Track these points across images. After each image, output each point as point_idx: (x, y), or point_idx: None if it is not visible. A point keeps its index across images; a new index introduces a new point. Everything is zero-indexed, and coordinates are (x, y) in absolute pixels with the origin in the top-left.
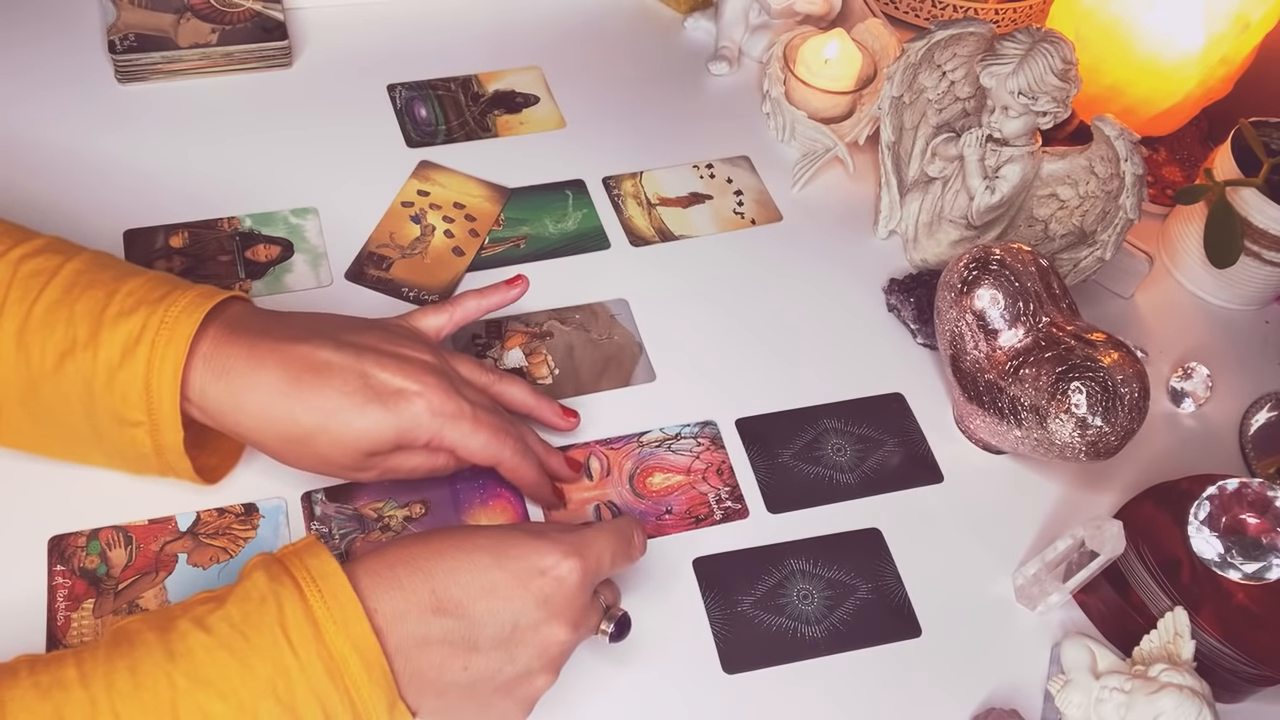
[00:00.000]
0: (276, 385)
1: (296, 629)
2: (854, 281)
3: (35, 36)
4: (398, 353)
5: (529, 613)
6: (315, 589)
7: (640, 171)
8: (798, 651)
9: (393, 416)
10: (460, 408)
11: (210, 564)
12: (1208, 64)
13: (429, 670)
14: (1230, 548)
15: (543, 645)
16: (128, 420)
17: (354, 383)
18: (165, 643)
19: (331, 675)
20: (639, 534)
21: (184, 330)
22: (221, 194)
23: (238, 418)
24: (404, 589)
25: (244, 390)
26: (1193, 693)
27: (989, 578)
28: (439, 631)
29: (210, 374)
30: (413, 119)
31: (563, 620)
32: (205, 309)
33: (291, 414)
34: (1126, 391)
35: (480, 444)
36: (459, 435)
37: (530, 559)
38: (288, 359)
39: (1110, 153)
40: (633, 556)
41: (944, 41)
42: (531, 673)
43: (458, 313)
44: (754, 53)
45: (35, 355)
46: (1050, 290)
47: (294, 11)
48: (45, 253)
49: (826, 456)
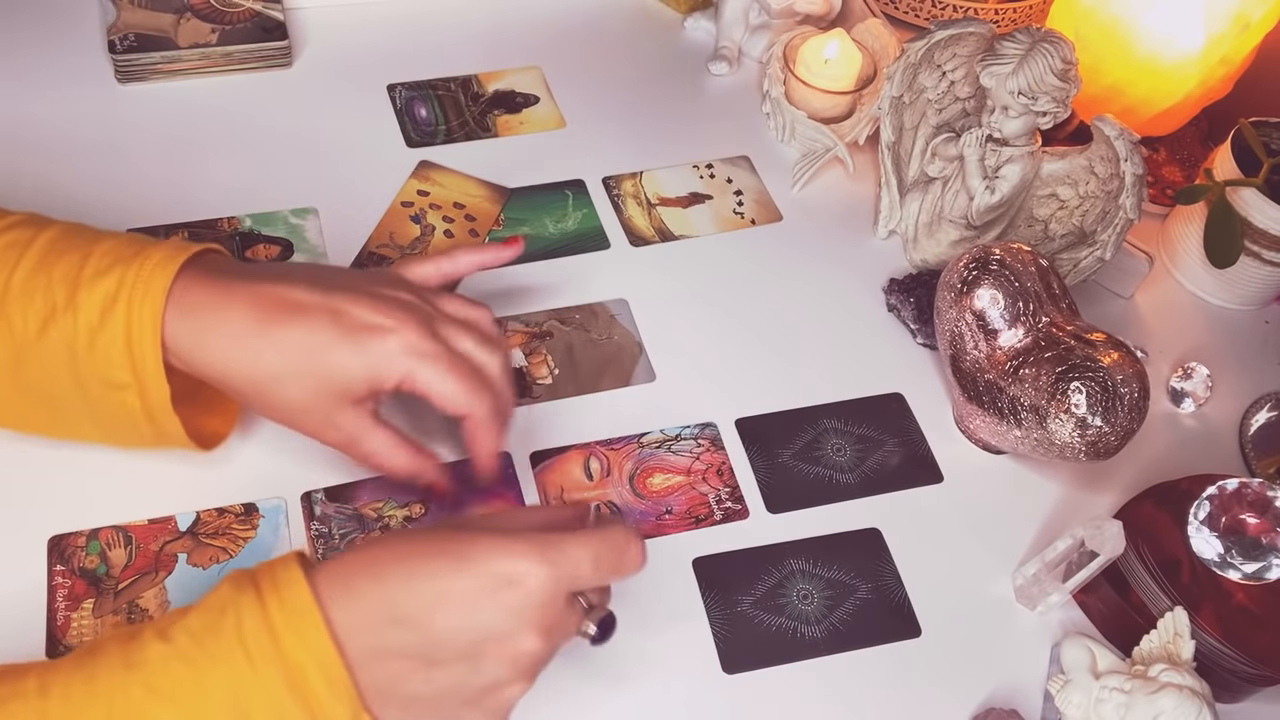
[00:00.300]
0: (245, 323)
1: (254, 639)
2: (854, 281)
3: (36, 37)
4: (375, 291)
5: (493, 624)
6: (276, 598)
7: (640, 171)
8: (797, 651)
9: (364, 353)
10: (436, 349)
11: (210, 564)
12: (1208, 64)
13: (388, 683)
14: (1230, 548)
15: (510, 657)
16: (114, 383)
17: (324, 319)
18: (125, 654)
19: (291, 686)
20: (635, 545)
21: (159, 283)
22: (221, 194)
23: (207, 357)
24: (360, 599)
25: (213, 327)
26: (1193, 693)
27: (989, 578)
28: (395, 644)
29: (179, 313)
30: (413, 119)
31: (532, 631)
32: (180, 260)
33: (259, 352)
34: (1126, 391)
35: (452, 390)
36: (431, 377)
37: (496, 565)
38: (258, 297)
39: (1110, 153)
40: (624, 569)
41: (944, 41)
42: (501, 684)
43: (446, 264)
44: (754, 53)
45: (18, 325)
46: (1050, 290)
47: (294, 11)
48: (19, 226)
49: (826, 456)
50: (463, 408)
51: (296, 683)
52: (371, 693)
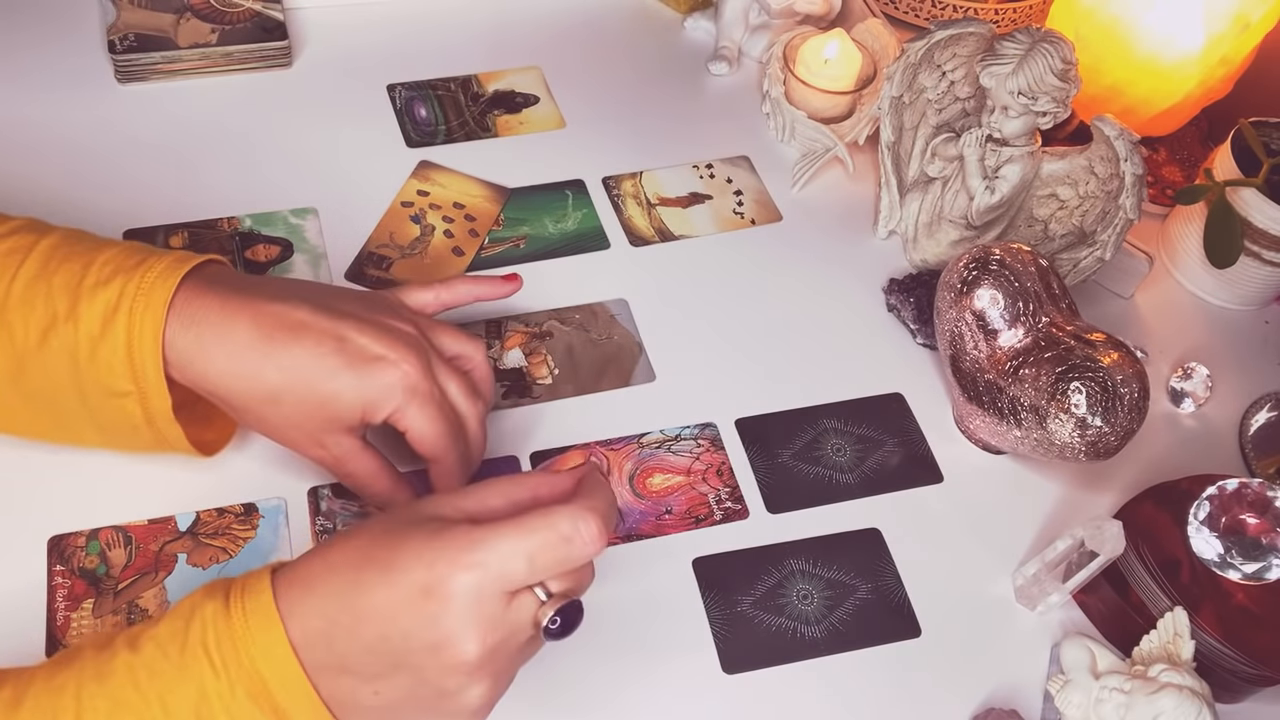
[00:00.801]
0: (247, 340)
1: (217, 649)
2: (854, 281)
3: (36, 38)
4: (378, 320)
5: (419, 634)
6: (240, 607)
7: (640, 171)
8: (797, 651)
9: (364, 383)
10: (431, 390)
11: (210, 564)
12: (1208, 64)
13: (342, 694)
14: (1230, 548)
15: (451, 665)
16: (116, 391)
17: (329, 345)
18: (97, 663)
19: (253, 696)
20: (584, 534)
21: (160, 295)
22: (221, 194)
23: (205, 370)
24: (303, 612)
25: (214, 342)
26: (1192, 693)
27: (989, 578)
28: (338, 657)
29: (180, 325)
30: (413, 119)
31: (465, 637)
32: (181, 272)
33: (260, 370)
34: (1126, 391)
35: (432, 436)
36: (420, 418)
37: (414, 576)
38: (262, 315)
39: (1110, 153)
40: (571, 561)
41: (944, 41)
42: (455, 690)
43: (445, 293)
44: (754, 53)
45: (19, 333)
46: (1050, 290)
47: (294, 11)
48: (19, 232)
49: (826, 457)
50: (436, 453)
51: (258, 693)
52: (335, 704)
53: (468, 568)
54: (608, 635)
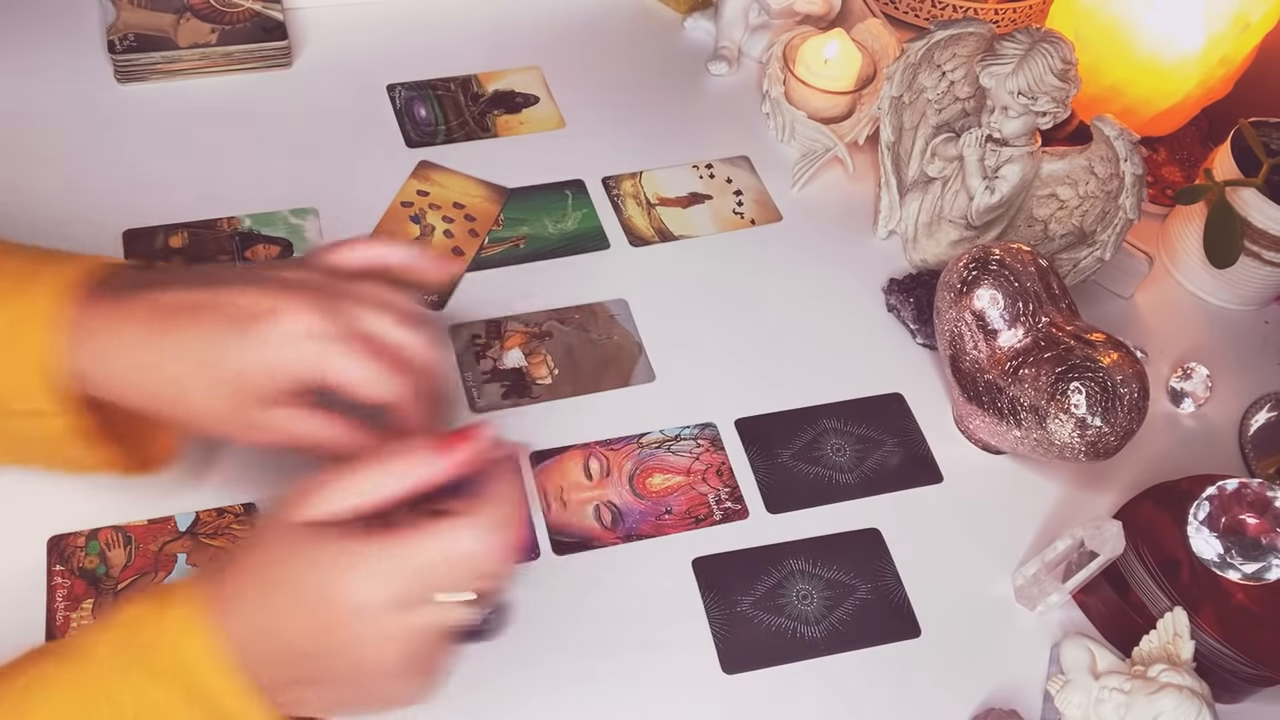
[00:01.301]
0: (142, 336)
1: (159, 652)
2: (854, 282)
3: (36, 37)
4: (265, 275)
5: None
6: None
7: (640, 171)
8: (797, 651)
9: (259, 343)
10: (338, 329)
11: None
12: (1208, 64)
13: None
14: (1230, 548)
15: (366, 673)
16: (20, 412)
17: (209, 315)
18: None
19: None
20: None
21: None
22: (221, 194)
23: (108, 378)
24: (227, 610)
25: (110, 347)
26: (1192, 693)
27: (989, 578)
28: (254, 660)
29: (81, 339)
30: (412, 119)
31: (369, 644)
32: (74, 289)
33: (159, 364)
34: (1126, 392)
35: (363, 374)
36: (339, 362)
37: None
38: (154, 309)
39: (1110, 153)
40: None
41: (944, 41)
42: (383, 695)
43: (373, 249)
44: (754, 53)
45: None
46: (1050, 290)
47: (294, 11)
48: None
49: (826, 457)
50: (382, 393)
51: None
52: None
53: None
54: (608, 635)
